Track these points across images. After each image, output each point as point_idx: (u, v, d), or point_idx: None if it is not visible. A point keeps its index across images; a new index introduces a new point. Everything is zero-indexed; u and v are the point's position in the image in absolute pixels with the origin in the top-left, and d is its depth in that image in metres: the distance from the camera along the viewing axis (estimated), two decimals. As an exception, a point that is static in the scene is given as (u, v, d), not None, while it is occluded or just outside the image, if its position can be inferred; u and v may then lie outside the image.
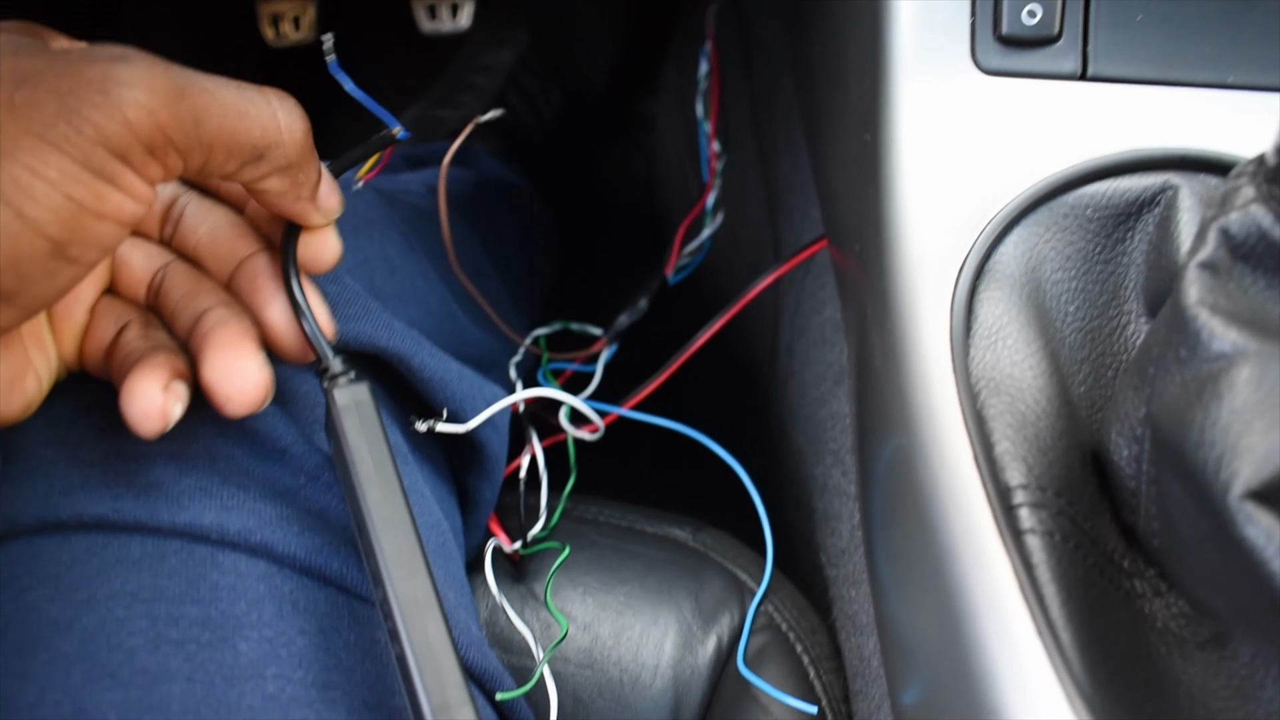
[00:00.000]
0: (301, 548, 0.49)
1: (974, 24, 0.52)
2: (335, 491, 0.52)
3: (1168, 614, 0.42)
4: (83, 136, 0.38)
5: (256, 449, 0.51)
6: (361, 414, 0.47)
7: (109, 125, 0.38)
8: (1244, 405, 0.35)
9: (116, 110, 0.38)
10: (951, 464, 0.43)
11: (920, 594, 0.45)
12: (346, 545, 0.51)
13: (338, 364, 0.48)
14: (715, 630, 0.66)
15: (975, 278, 0.48)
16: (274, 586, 0.49)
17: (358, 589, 0.51)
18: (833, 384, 0.73)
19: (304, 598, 0.49)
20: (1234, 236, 0.37)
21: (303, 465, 0.52)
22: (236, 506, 0.49)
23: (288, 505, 0.50)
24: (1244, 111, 0.50)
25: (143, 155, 0.39)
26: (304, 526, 0.50)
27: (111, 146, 0.38)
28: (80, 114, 0.37)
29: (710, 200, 0.88)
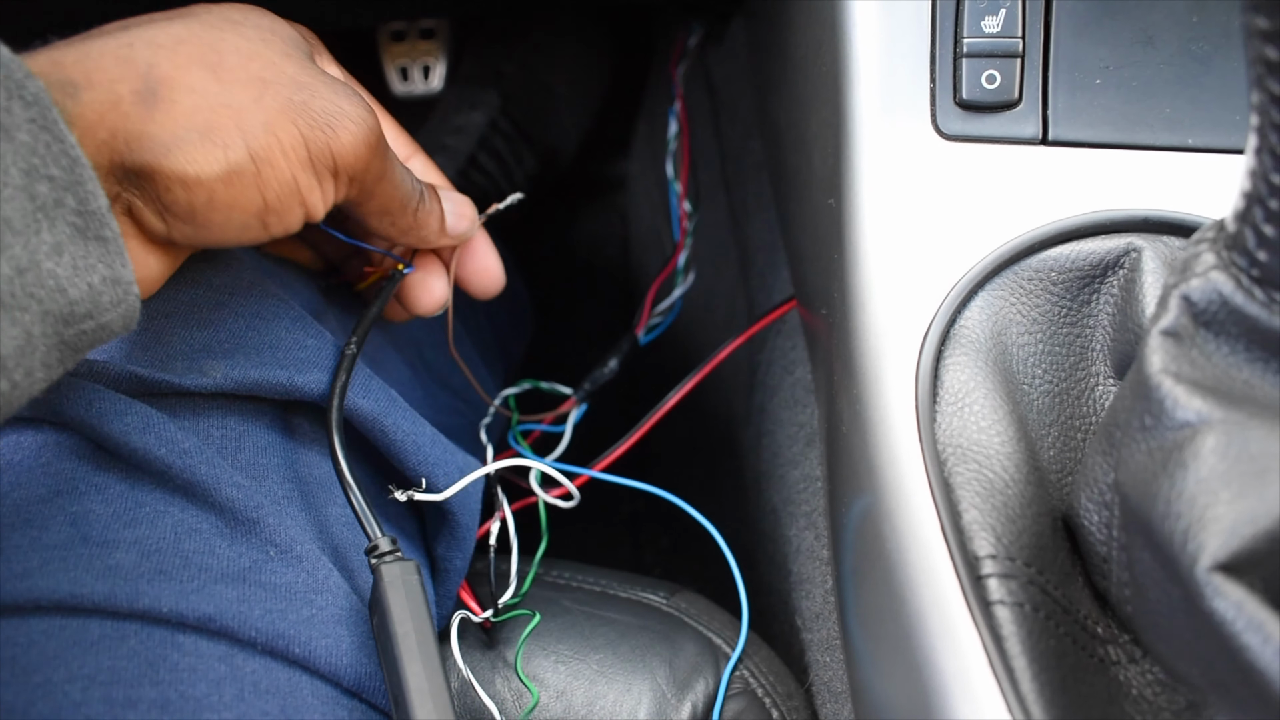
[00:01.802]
0: (263, 632, 0.49)
1: (934, 89, 0.52)
2: (304, 564, 0.52)
3: (1143, 681, 0.41)
4: (326, 149, 0.50)
5: (225, 521, 0.51)
6: (408, 591, 0.50)
7: (349, 151, 0.50)
8: (1210, 475, 0.35)
9: (358, 144, 0.50)
10: (918, 533, 0.42)
11: (891, 665, 0.44)
12: (308, 624, 0.50)
13: (386, 543, 0.51)
14: (690, 697, 0.65)
15: (941, 343, 0.47)
16: (235, 667, 0.48)
17: (320, 669, 0.50)
18: (804, 445, 0.72)
19: (266, 679, 0.48)
20: (1195, 304, 0.37)
21: (274, 537, 0.51)
22: (196, 591, 0.48)
23: (250, 585, 0.50)
24: (1205, 173, 0.51)
25: (346, 180, 0.52)
26: (267, 608, 0.49)
27: (340, 164, 0.50)
28: (335, 134, 0.50)
29: (681, 260, 0.88)
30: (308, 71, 0.51)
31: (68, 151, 0.43)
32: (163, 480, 0.51)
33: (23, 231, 0.41)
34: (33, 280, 0.41)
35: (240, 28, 0.51)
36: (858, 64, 0.53)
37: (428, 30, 1.27)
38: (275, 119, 0.48)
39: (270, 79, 0.50)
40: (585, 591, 0.71)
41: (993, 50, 0.52)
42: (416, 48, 1.27)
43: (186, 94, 0.47)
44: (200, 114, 0.47)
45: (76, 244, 0.43)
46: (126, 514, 0.49)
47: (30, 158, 0.41)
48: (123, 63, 0.46)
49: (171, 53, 0.48)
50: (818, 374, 0.63)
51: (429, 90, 1.26)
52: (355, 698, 0.51)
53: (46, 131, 0.42)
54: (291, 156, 0.49)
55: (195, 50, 0.48)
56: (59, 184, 0.42)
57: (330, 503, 0.57)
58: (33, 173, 0.41)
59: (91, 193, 0.43)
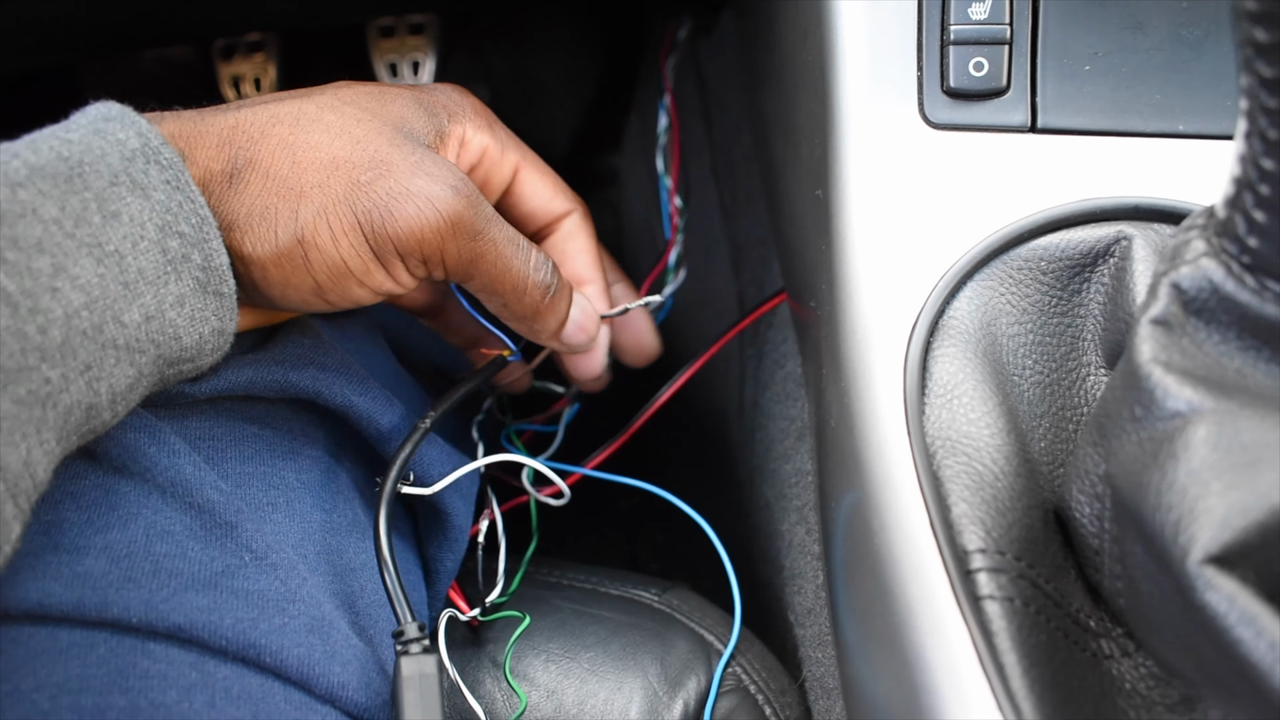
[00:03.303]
0: (233, 642, 0.48)
1: (921, 78, 0.52)
2: (278, 572, 0.51)
3: (1136, 675, 0.41)
4: (383, 230, 0.50)
5: (202, 523, 0.50)
6: (424, 688, 0.50)
7: (406, 233, 0.50)
8: (1201, 466, 0.34)
9: (419, 227, 0.50)
10: (907, 528, 0.42)
11: (881, 661, 0.44)
12: (279, 633, 0.50)
13: (413, 629, 0.52)
14: (681, 695, 0.64)
15: (929, 334, 0.47)
16: (206, 674, 0.48)
17: (292, 678, 0.50)
18: (796, 439, 0.72)
19: (238, 686, 0.48)
20: (1185, 291, 0.37)
21: (250, 542, 0.51)
22: (165, 600, 0.48)
23: (222, 592, 0.49)
24: (1197, 160, 0.50)
25: (418, 261, 0.52)
26: (238, 617, 0.49)
27: (399, 246, 0.51)
28: (393, 215, 0.50)
29: (672, 257, 0.87)
30: (394, 149, 0.52)
31: (197, 211, 0.47)
32: (143, 479, 0.50)
33: (154, 282, 0.45)
34: (156, 328, 0.46)
35: (344, 108, 0.54)
36: (844, 53, 0.53)
37: (417, 26, 1.26)
38: (332, 203, 0.50)
39: (344, 160, 0.51)
40: (576, 589, 0.71)
41: (980, 37, 0.51)
42: (405, 43, 1.26)
43: (261, 177, 0.50)
44: (265, 196, 0.50)
45: (198, 297, 0.47)
46: (99, 519, 0.49)
47: (164, 215, 0.46)
48: (223, 144, 0.50)
49: (263, 135, 0.51)
50: (808, 367, 0.62)
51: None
52: (329, 704, 0.51)
53: (179, 192, 0.47)
54: (342, 240, 0.50)
55: (284, 133, 0.51)
56: (188, 240, 0.47)
57: (317, 508, 0.56)
58: (166, 229, 0.46)
59: (215, 250, 0.48)
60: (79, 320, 0.43)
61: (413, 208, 0.50)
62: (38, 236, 0.42)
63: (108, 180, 0.45)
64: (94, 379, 0.44)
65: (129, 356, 0.45)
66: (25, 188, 0.42)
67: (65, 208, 0.43)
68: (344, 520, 0.58)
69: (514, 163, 0.62)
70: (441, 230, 0.51)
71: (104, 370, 0.44)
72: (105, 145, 0.45)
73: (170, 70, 1.32)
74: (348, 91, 0.55)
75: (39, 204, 0.42)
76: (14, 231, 0.41)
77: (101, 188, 0.44)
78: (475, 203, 0.53)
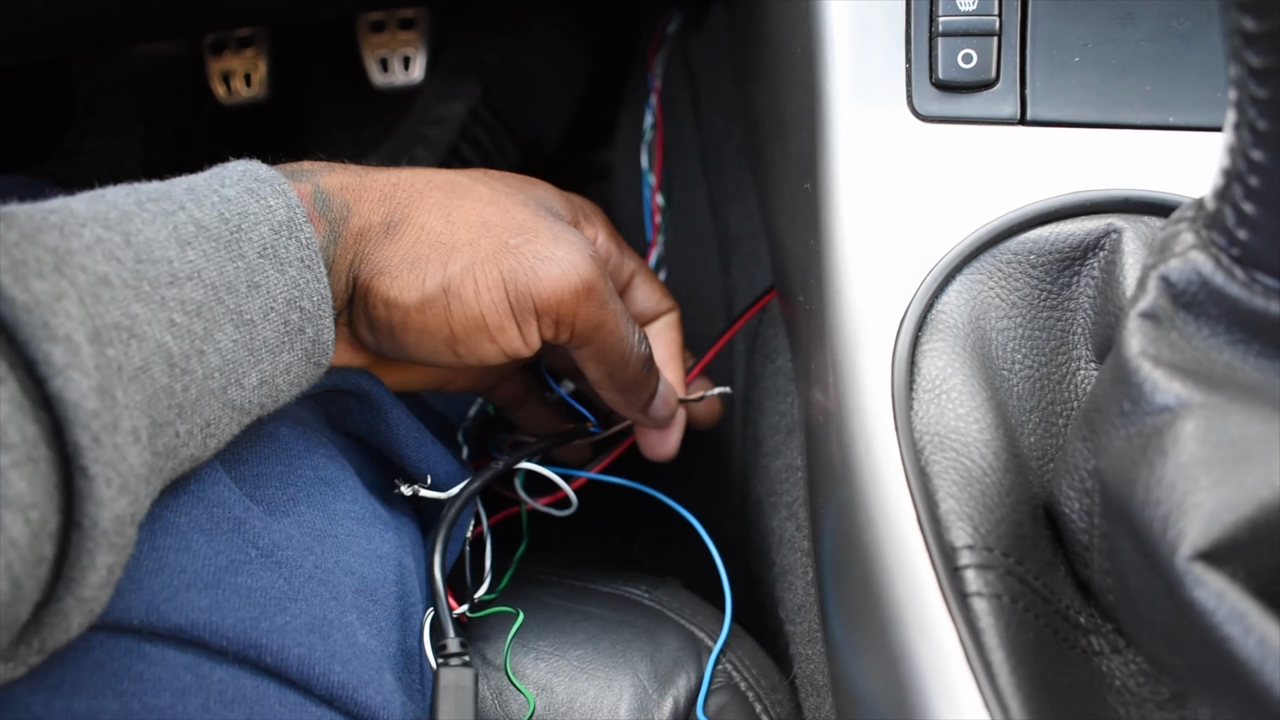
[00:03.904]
0: (234, 642, 0.48)
1: (909, 70, 0.51)
2: (283, 570, 0.51)
3: (1126, 672, 0.40)
4: (525, 291, 0.54)
5: (209, 516, 0.50)
6: (459, 699, 0.54)
7: (545, 296, 0.54)
8: (1190, 461, 0.34)
9: (558, 291, 0.54)
10: (894, 524, 0.41)
11: (869, 658, 0.44)
12: (280, 632, 0.49)
13: (455, 644, 0.56)
14: (672, 692, 0.64)
15: (918, 328, 0.46)
16: (201, 676, 0.47)
17: (292, 678, 0.49)
18: (785, 435, 0.72)
19: (233, 688, 0.48)
20: (1174, 285, 0.36)
21: (257, 539, 0.51)
22: (166, 600, 0.47)
23: (224, 589, 0.49)
24: (1187, 152, 0.50)
25: (550, 322, 0.56)
26: (239, 617, 0.49)
27: (538, 305, 0.54)
28: (537, 277, 0.54)
29: (654, 258, 0.87)
30: (539, 220, 0.57)
31: (320, 290, 0.51)
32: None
33: (273, 350, 0.49)
34: (266, 392, 0.49)
35: (494, 182, 0.59)
36: (832, 46, 0.52)
37: (407, 20, 1.26)
38: (481, 260, 0.54)
39: (495, 223, 0.55)
40: (566, 586, 0.70)
41: (969, 29, 0.51)
42: (396, 38, 1.26)
43: (417, 230, 0.54)
44: (418, 248, 0.54)
45: (302, 366, 0.51)
46: None
47: (293, 290, 0.49)
48: (384, 199, 0.55)
49: (421, 195, 0.56)
50: (797, 362, 0.62)
51: (409, 81, 1.25)
52: (326, 705, 0.51)
53: (309, 270, 0.50)
54: (485, 295, 0.54)
55: (440, 196, 0.56)
56: (307, 314, 0.50)
57: (338, 499, 0.57)
58: (292, 303, 0.49)
59: (326, 326, 0.51)
60: (212, 382, 0.46)
61: (556, 270, 0.54)
62: (199, 301, 0.45)
63: (258, 251, 0.48)
64: (209, 435, 0.47)
65: (239, 417, 0.48)
66: (193, 247, 0.45)
67: (223, 273, 0.46)
68: (367, 510, 0.59)
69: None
70: (579, 293, 0.55)
71: (219, 428, 0.47)
72: (259, 211, 0.49)
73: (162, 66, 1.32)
74: (497, 172, 0.61)
75: (203, 267, 0.45)
76: (183, 294, 0.44)
77: (253, 258, 0.48)
78: (605, 274, 0.57)
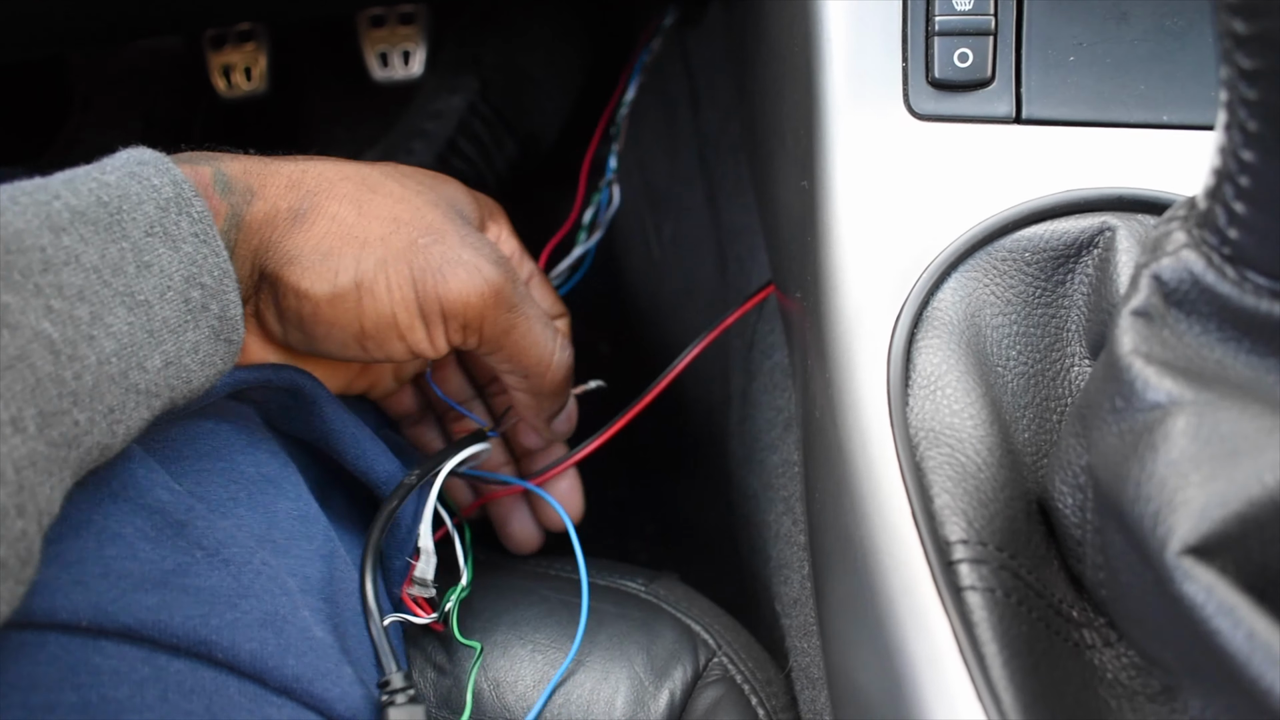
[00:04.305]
0: (184, 639, 0.48)
1: (906, 69, 0.52)
2: (231, 567, 0.51)
3: (1118, 665, 0.41)
4: (433, 293, 0.54)
5: (153, 524, 0.50)
6: None
7: (452, 299, 0.54)
8: (1180, 457, 0.34)
9: (464, 295, 0.54)
10: (889, 519, 0.42)
11: (864, 652, 0.44)
12: (231, 628, 0.50)
13: (399, 679, 0.55)
14: (668, 685, 0.64)
15: (913, 325, 0.47)
16: (158, 668, 0.47)
17: (246, 671, 0.50)
18: (782, 430, 0.72)
19: (191, 679, 0.48)
20: (1166, 283, 0.37)
21: (202, 539, 0.51)
22: (114, 601, 0.47)
23: (172, 590, 0.49)
24: (1181, 150, 0.50)
25: (458, 327, 0.55)
26: (188, 614, 0.49)
27: (445, 308, 0.54)
28: (444, 279, 0.54)
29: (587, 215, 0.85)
30: (448, 222, 0.57)
31: (220, 264, 0.50)
32: (94, 486, 0.50)
33: (175, 330, 0.48)
34: (173, 373, 0.48)
35: (405, 179, 0.59)
36: (830, 44, 0.53)
37: (407, 15, 1.26)
38: (393, 256, 0.54)
39: (405, 220, 0.55)
40: (563, 580, 0.71)
41: (965, 28, 0.51)
42: (396, 33, 1.26)
43: (328, 220, 0.54)
44: (329, 239, 0.54)
45: (211, 343, 0.50)
46: (50, 530, 0.49)
47: (190, 266, 0.48)
48: (292, 186, 0.54)
49: (331, 185, 0.55)
50: (794, 357, 0.62)
51: (409, 76, 1.25)
52: (285, 696, 0.51)
53: (205, 245, 0.49)
54: (395, 293, 0.54)
55: (351, 187, 0.55)
56: (209, 291, 0.49)
57: (280, 498, 0.57)
58: (190, 280, 0.48)
59: (232, 301, 0.50)
60: (109, 366, 0.44)
61: (464, 273, 0.54)
62: (79, 285, 0.44)
63: (144, 230, 0.47)
64: (115, 421, 0.45)
65: (147, 400, 0.47)
66: (69, 233, 0.44)
67: (105, 256, 0.45)
68: (309, 509, 0.58)
69: (529, 271, 0.68)
70: (485, 298, 0.55)
71: (125, 413, 0.46)
72: (141, 191, 0.47)
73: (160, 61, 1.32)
74: (407, 168, 0.61)
75: (81, 251, 0.44)
76: (59, 279, 0.43)
77: (138, 237, 0.46)
78: (514, 278, 0.57)
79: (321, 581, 0.56)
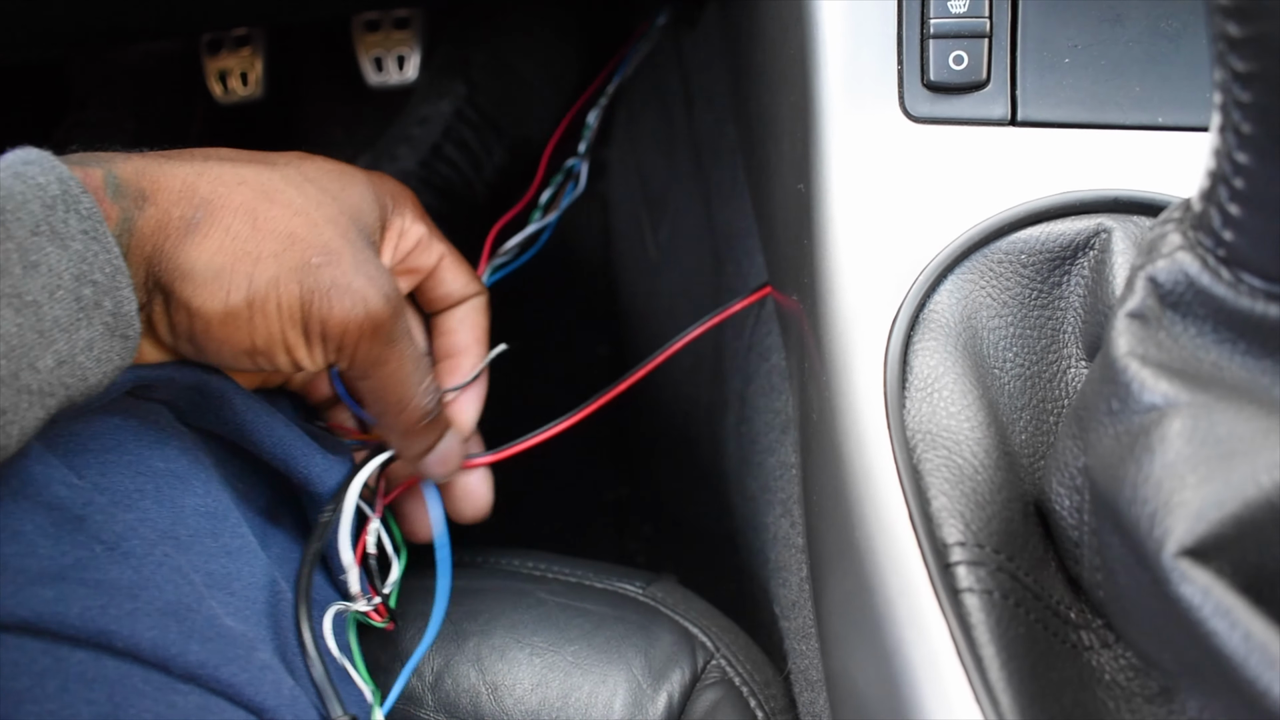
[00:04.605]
0: (81, 630, 0.48)
1: (901, 71, 0.52)
2: (131, 560, 0.51)
3: (1116, 666, 0.41)
4: (317, 314, 0.53)
5: (52, 520, 0.50)
6: None
7: (334, 324, 0.54)
8: (1176, 459, 0.34)
9: (344, 322, 0.54)
10: (887, 521, 0.42)
11: (862, 654, 0.44)
12: (130, 617, 0.50)
13: (337, 708, 0.55)
14: (665, 687, 0.64)
15: (910, 327, 0.47)
16: (59, 659, 0.47)
17: (146, 657, 0.50)
18: (780, 432, 0.72)
19: (93, 669, 0.48)
20: (1162, 285, 0.37)
21: (100, 533, 0.51)
22: (11, 595, 0.47)
23: (70, 583, 0.49)
24: (1176, 152, 0.50)
25: (334, 348, 0.55)
26: (85, 605, 0.49)
27: (325, 331, 0.54)
28: (329, 303, 0.53)
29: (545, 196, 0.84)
30: (344, 242, 0.55)
31: (112, 260, 0.48)
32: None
33: (67, 329, 0.47)
34: (67, 371, 0.47)
35: (307, 186, 0.57)
36: (825, 47, 0.53)
37: (402, 20, 1.26)
38: (284, 276, 0.53)
39: (301, 237, 0.54)
40: (561, 582, 0.71)
41: (960, 31, 0.51)
42: (391, 38, 1.26)
43: (221, 233, 0.52)
44: (222, 255, 0.52)
45: (106, 340, 0.49)
46: None
47: (80, 264, 0.47)
48: (185, 190, 0.53)
49: (228, 193, 0.53)
50: (791, 360, 0.62)
51: (404, 80, 1.26)
52: (191, 683, 0.51)
53: (96, 242, 0.48)
54: (285, 313, 0.53)
55: (248, 196, 0.54)
56: (101, 288, 0.48)
57: (188, 494, 0.57)
58: (81, 278, 0.47)
59: (126, 297, 0.49)
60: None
61: (349, 301, 0.54)
62: None
63: (29, 229, 0.46)
64: (8, 423, 0.45)
65: (40, 400, 0.46)
66: None
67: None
68: (219, 505, 0.58)
69: (440, 252, 0.66)
70: (364, 328, 0.55)
71: (18, 414, 0.45)
72: (26, 190, 0.47)
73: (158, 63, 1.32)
74: (311, 168, 0.59)
75: None
76: None
77: (24, 237, 0.46)
78: (398, 314, 0.57)
79: (225, 577, 0.56)
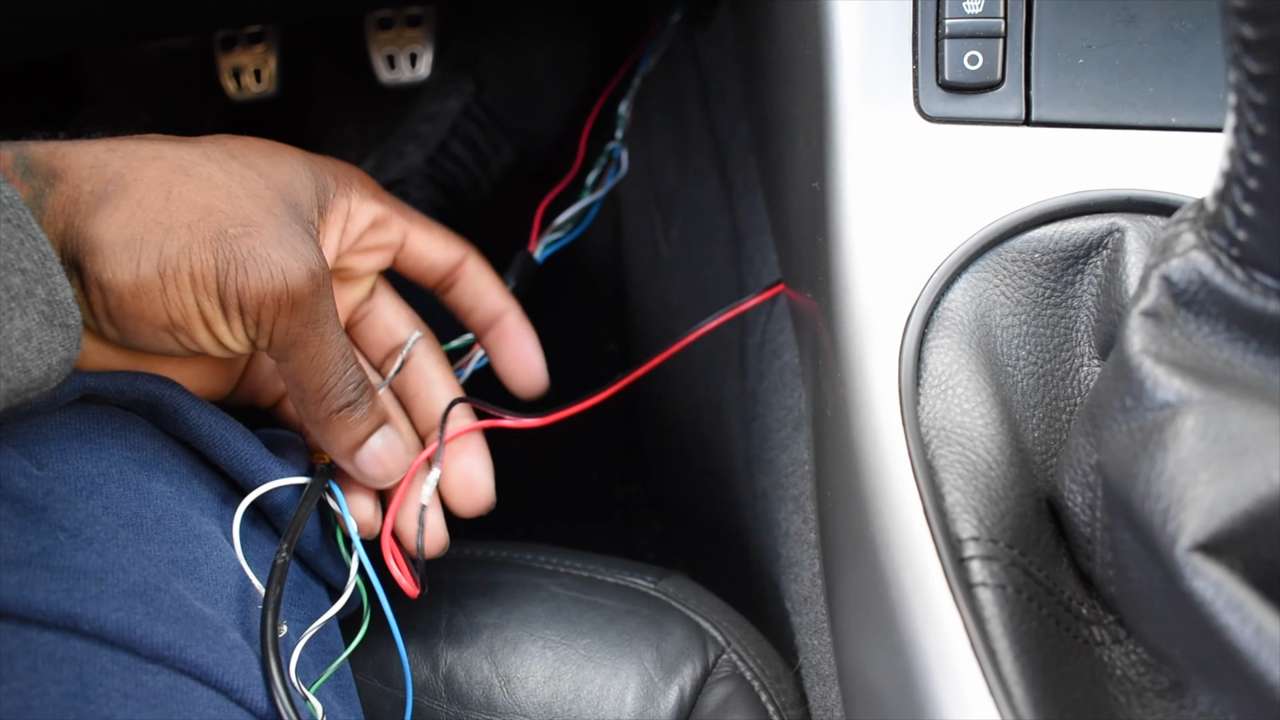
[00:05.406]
0: (47, 613, 0.48)
1: (916, 71, 0.52)
2: (95, 546, 0.51)
3: (1127, 661, 0.41)
4: (233, 286, 0.51)
5: (14, 511, 0.50)
6: None
7: (252, 295, 0.51)
8: (1189, 455, 0.35)
9: (260, 294, 0.51)
10: (901, 516, 0.42)
11: (875, 648, 0.44)
12: (96, 599, 0.50)
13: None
14: (677, 681, 0.65)
15: (924, 325, 0.47)
16: (27, 640, 0.47)
17: (114, 640, 0.50)
18: (792, 429, 0.72)
19: (61, 650, 0.48)
20: (1175, 284, 0.37)
21: (63, 522, 0.51)
22: None
23: (36, 569, 0.49)
24: (1189, 152, 0.50)
25: (251, 323, 0.52)
26: (50, 589, 0.49)
27: (242, 304, 0.51)
28: (245, 274, 0.51)
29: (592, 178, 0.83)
30: (267, 215, 0.53)
31: (39, 248, 0.47)
32: None
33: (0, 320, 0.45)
34: (4, 362, 0.46)
35: (230, 162, 0.55)
36: (840, 46, 0.53)
37: (415, 18, 1.27)
38: (198, 244, 0.50)
39: (218, 209, 0.52)
40: (572, 577, 0.71)
41: (975, 31, 0.52)
42: (403, 35, 1.27)
43: (132, 205, 0.50)
44: (133, 226, 0.50)
45: (44, 330, 0.47)
46: None
47: (5, 253, 0.46)
48: (97, 166, 0.51)
49: (142, 167, 0.52)
50: (804, 357, 0.63)
51: (416, 78, 1.26)
52: (159, 663, 0.51)
53: (20, 230, 0.46)
54: (199, 284, 0.51)
55: (163, 170, 0.52)
56: (31, 276, 0.47)
57: (153, 479, 0.56)
58: (8, 266, 0.46)
59: (60, 284, 0.48)
60: None
61: (266, 272, 0.51)
62: None
63: None
64: None
65: None
66: None
67: None
68: (186, 490, 0.57)
69: (403, 227, 0.64)
70: (281, 302, 0.52)
71: None
72: None
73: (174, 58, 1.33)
74: (237, 145, 0.57)
75: None
76: None
77: None
78: (321, 293, 0.54)
79: (193, 563, 0.55)
